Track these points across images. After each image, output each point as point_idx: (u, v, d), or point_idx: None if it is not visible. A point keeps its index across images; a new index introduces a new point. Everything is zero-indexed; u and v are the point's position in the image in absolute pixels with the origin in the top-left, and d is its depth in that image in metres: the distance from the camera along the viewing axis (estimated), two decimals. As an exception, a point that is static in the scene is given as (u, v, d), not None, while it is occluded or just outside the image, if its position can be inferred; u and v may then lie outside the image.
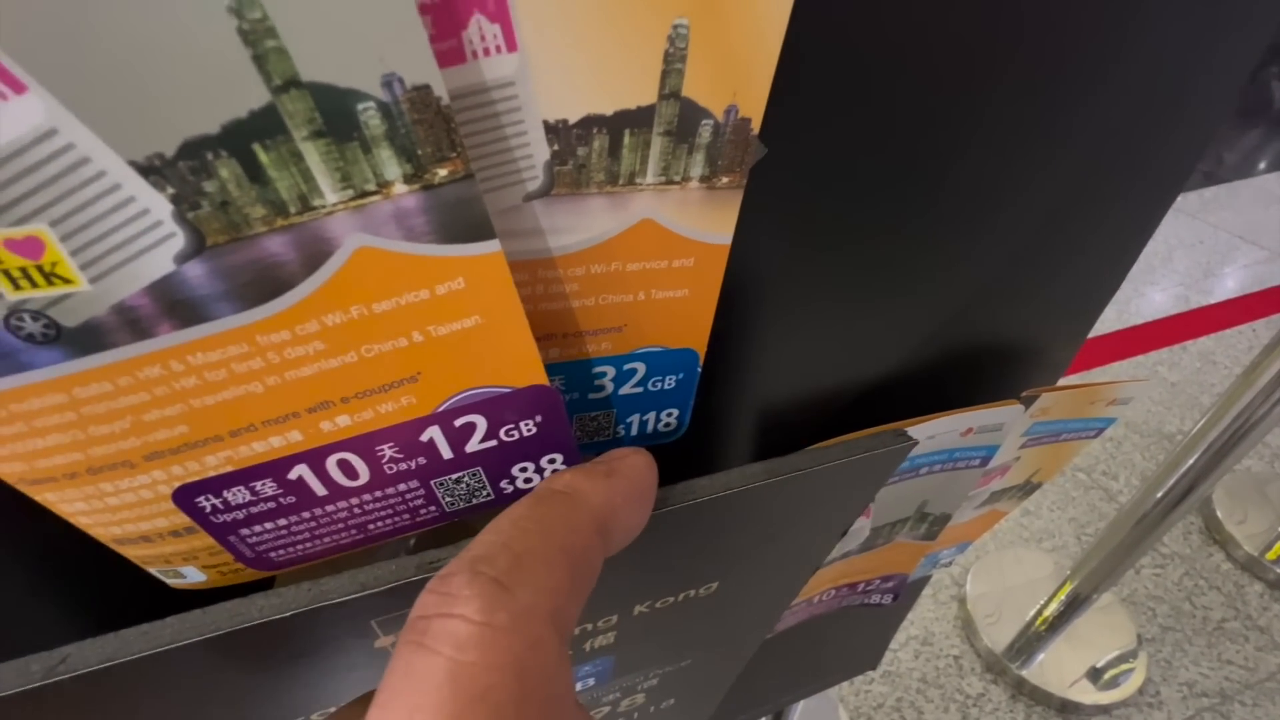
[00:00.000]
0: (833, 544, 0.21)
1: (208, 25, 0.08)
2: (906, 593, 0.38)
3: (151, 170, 0.09)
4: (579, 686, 0.23)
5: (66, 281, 0.09)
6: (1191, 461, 0.93)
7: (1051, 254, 0.21)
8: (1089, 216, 0.21)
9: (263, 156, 0.09)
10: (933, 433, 0.24)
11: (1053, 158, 0.18)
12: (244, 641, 0.12)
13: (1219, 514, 1.40)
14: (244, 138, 0.09)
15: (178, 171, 0.09)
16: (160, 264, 0.09)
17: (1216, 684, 1.18)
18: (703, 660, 0.26)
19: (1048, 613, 1.21)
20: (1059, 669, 1.19)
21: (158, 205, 0.09)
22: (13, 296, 0.09)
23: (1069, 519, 1.44)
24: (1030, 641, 1.22)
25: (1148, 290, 2.04)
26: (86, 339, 0.10)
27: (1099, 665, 1.20)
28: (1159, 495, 0.98)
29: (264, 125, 0.09)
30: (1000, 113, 0.16)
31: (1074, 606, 1.17)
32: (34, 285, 0.09)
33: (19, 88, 0.08)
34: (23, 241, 0.09)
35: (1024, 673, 1.19)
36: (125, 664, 0.11)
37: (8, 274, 0.09)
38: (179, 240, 0.09)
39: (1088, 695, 1.16)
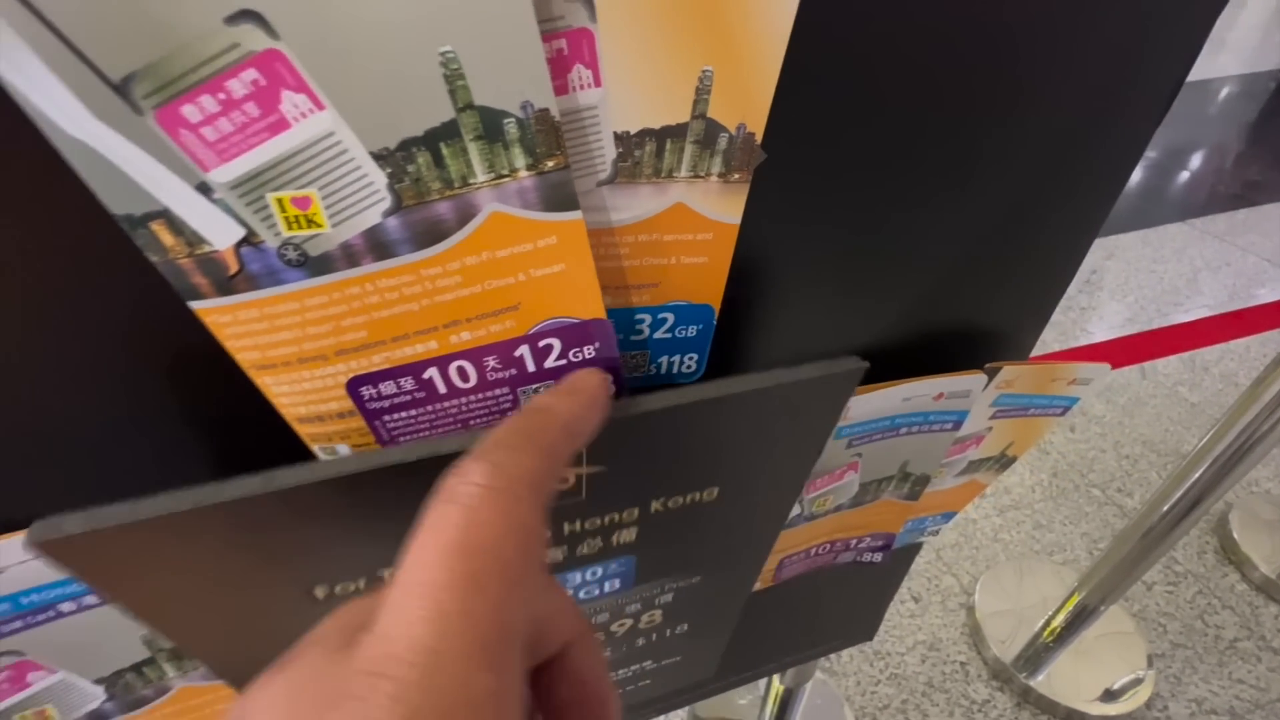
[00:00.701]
0: (810, 464, 0.26)
1: (426, 70, 0.13)
2: (896, 556, 0.42)
3: (379, 156, 0.14)
4: (607, 588, 0.28)
5: (318, 226, 0.15)
6: (1198, 475, 0.95)
7: (1012, 244, 0.26)
8: (1041, 213, 0.25)
9: (444, 150, 0.14)
10: (908, 394, 0.28)
11: (1009, 163, 0.23)
12: (372, 481, 0.17)
13: (1235, 535, 1.40)
14: (435, 139, 0.14)
15: (394, 158, 0.14)
16: (373, 217, 0.15)
17: (1226, 702, 1.18)
18: (710, 580, 0.31)
19: (1055, 624, 1.22)
20: (1066, 679, 1.20)
21: (379, 179, 0.14)
22: (285, 234, 0.15)
23: (1081, 533, 1.44)
24: (1038, 652, 1.23)
25: (1172, 312, 2.04)
26: (320, 265, 0.15)
27: (1107, 677, 1.21)
28: (1165, 508, 1.00)
29: (448, 131, 0.14)
30: (959, 132, 0.21)
31: (1082, 618, 1.18)
32: (300, 227, 0.14)
33: (321, 106, 0.13)
34: (300, 199, 0.14)
35: (1031, 682, 1.20)
36: (318, 483, 0.17)
37: (287, 219, 0.14)
38: (387, 202, 0.15)
39: (1094, 707, 1.17)
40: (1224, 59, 3.63)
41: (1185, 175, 2.76)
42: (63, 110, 0.12)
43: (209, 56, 0.12)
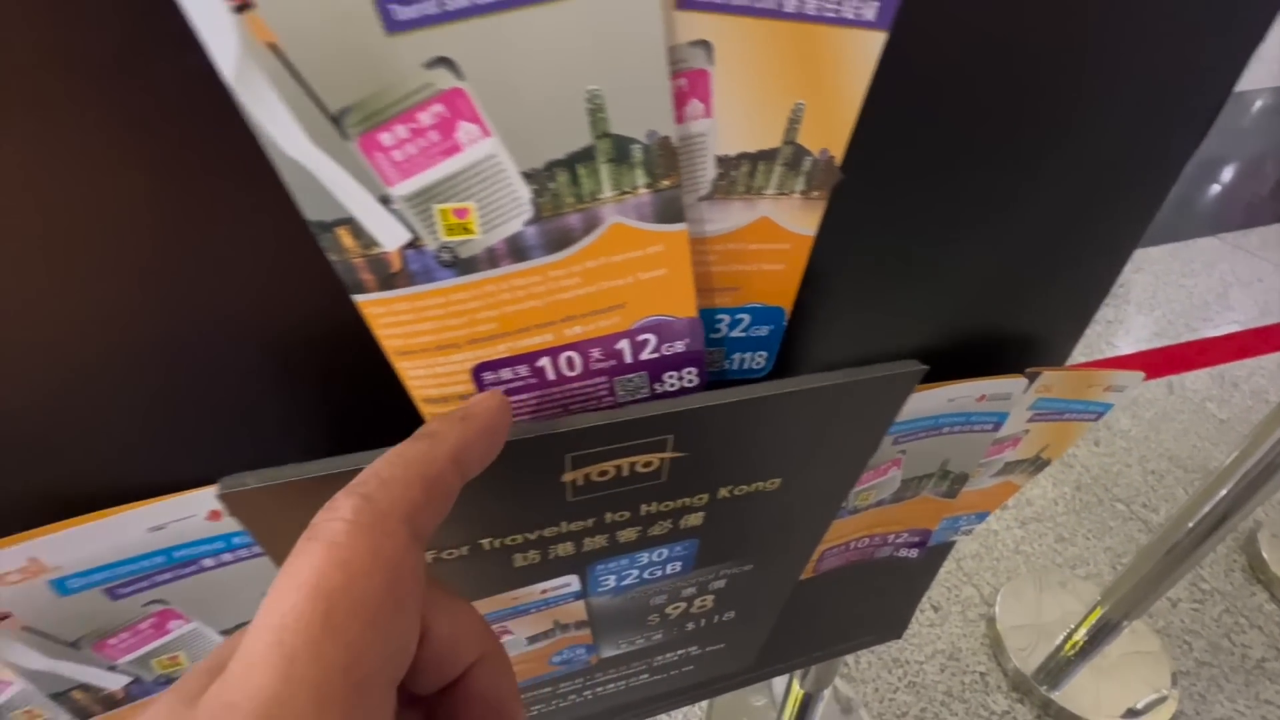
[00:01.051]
0: (866, 459, 0.28)
1: (574, 104, 0.16)
2: (930, 553, 0.44)
3: (527, 175, 0.17)
4: (668, 570, 0.30)
5: (471, 232, 0.17)
6: (1224, 492, 0.95)
7: (1055, 257, 0.28)
8: (1084, 227, 0.27)
9: (581, 170, 0.17)
10: (953, 395, 0.30)
11: (1057, 181, 0.25)
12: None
13: (1264, 553, 1.38)
14: (574, 160, 0.17)
15: (539, 176, 0.17)
16: (515, 225, 0.17)
17: (1252, 722, 1.17)
18: (762, 568, 0.33)
19: (1078, 637, 1.22)
20: (1088, 694, 1.20)
21: (524, 193, 0.17)
22: (443, 239, 0.17)
23: (1105, 548, 1.44)
24: (1060, 665, 1.22)
25: (1201, 327, 2.01)
26: (467, 265, 0.18)
27: (1130, 694, 1.21)
28: (1191, 524, 1.00)
29: (585, 154, 0.17)
30: (1008, 159, 0.23)
31: (1104, 632, 1.18)
32: (456, 233, 0.17)
33: (488, 134, 0.16)
34: (460, 209, 0.17)
35: (1052, 695, 1.20)
36: None
37: (447, 226, 0.17)
38: (528, 213, 0.17)
39: (1116, 721, 1.17)
40: (1257, 71, 3.57)
41: (1217, 188, 2.73)
42: (287, 134, 0.15)
43: (407, 93, 0.15)
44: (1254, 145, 3.05)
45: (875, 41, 0.17)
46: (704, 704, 1.18)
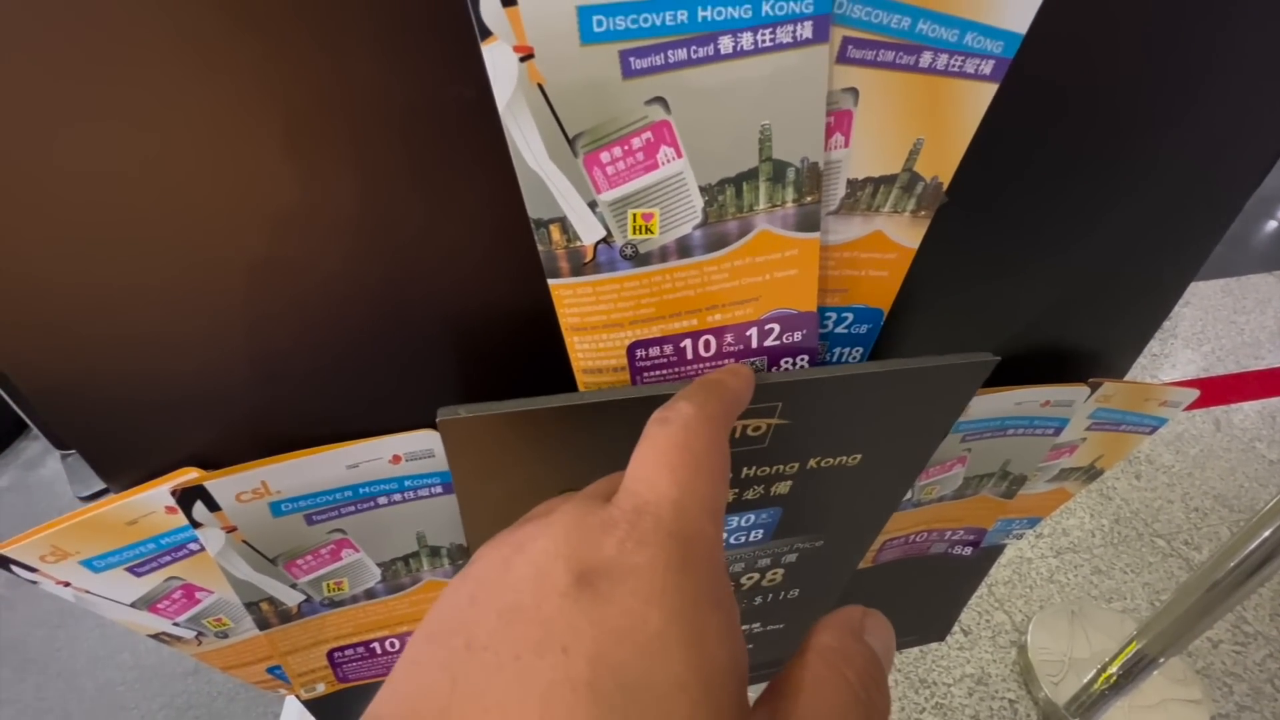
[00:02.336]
0: (937, 443, 0.31)
1: (749, 135, 0.20)
2: (982, 554, 0.47)
3: (703, 189, 0.21)
4: (752, 537, 0.34)
5: (652, 233, 0.22)
6: (1269, 532, 0.94)
7: (1123, 276, 0.31)
8: (1153, 249, 0.31)
9: (745, 187, 0.21)
10: (1020, 399, 0.34)
11: (1133, 205, 0.28)
12: (634, 407, 0.24)
13: (1311, 599, 1.35)
14: (741, 179, 0.21)
15: (712, 190, 0.21)
16: (686, 229, 0.22)
17: (1294, 770, 1.14)
18: (831, 544, 0.36)
19: (1111, 671, 1.20)
20: (1121, 729, 1.18)
21: (698, 203, 0.21)
22: (629, 237, 0.22)
23: (1143, 583, 1.42)
24: (1093, 698, 1.21)
25: (1251, 366, 1.97)
26: (643, 260, 0.22)
27: (1165, 732, 1.19)
28: (1233, 563, 0.99)
29: (751, 174, 0.21)
30: (1086, 190, 0.27)
31: (1140, 667, 1.16)
32: (640, 233, 0.21)
33: (680, 155, 0.20)
34: (647, 214, 0.21)
35: (1083, 728, 1.19)
36: (579, 406, 0.23)
37: (635, 227, 0.21)
38: (698, 219, 0.22)
39: (1150, 759, 1.15)
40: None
41: (1273, 225, 2.66)
42: (531, 151, 0.19)
43: (628, 123, 0.19)
44: (1314, 183, 2.97)
45: (988, 91, 0.21)
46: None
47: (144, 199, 0.20)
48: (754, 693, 0.15)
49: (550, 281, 0.23)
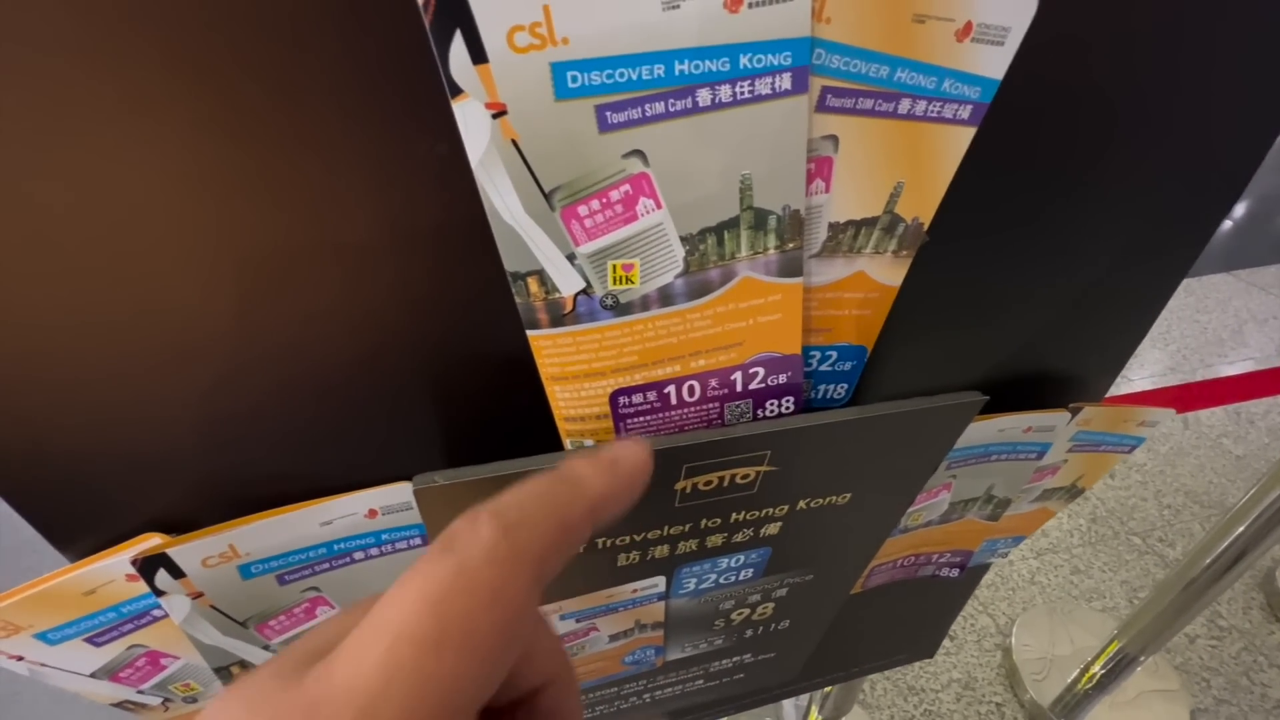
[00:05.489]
0: (926, 478, 0.31)
1: (729, 185, 0.20)
2: (969, 574, 0.47)
3: (684, 238, 0.20)
4: (742, 576, 0.33)
5: (632, 283, 0.21)
6: (1241, 529, 0.96)
7: (1098, 304, 0.32)
8: (1125, 278, 0.31)
9: (726, 235, 0.21)
10: (1003, 426, 0.34)
11: (1105, 238, 0.29)
12: None
13: (1282, 592, 1.38)
14: (722, 228, 0.20)
15: (693, 239, 0.21)
16: (667, 278, 0.21)
17: (1272, 762, 1.16)
18: (821, 578, 0.36)
19: (1094, 670, 1.22)
20: (1105, 728, 1.20)
21: (679, 253, 0.21)
22: (610, 288, 0.21)
23: (1121, 581, 1.44)
24: (1076, 698, 1.23)
25: (1216, 363, 2.03)
26: (624, 309, 0.22)
27: (1147, 729, 1.20)
28: (1208, 561, 1.01)
29: (732, 223, 0.20)
30: (1060, 227, 0.27)
31: (1121, 666, 1.18)
32: (621, 284, 0.21)
33: (660, 206, 0.20)
34: (627, 265, 0.21)
35: (1069, 728, 1.20)
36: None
37: (615, 278, 0.21)
38: (679, 266, 0.21)
39: (1134, 756, 1.16)
40: (1270, 113, 3.62)
41: (1230, 225, 2.76)
42: (507, 205, 0.19)
43: (605, 176, 0.19)
44: (1269, 182, 3.09)
45: (967, 135, 0.21)
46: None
47: (96, 256, 0.19)
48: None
49: (529, 333, 0.22)
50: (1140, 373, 1.96)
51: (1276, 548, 1.47)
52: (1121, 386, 1.89)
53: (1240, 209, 2.89)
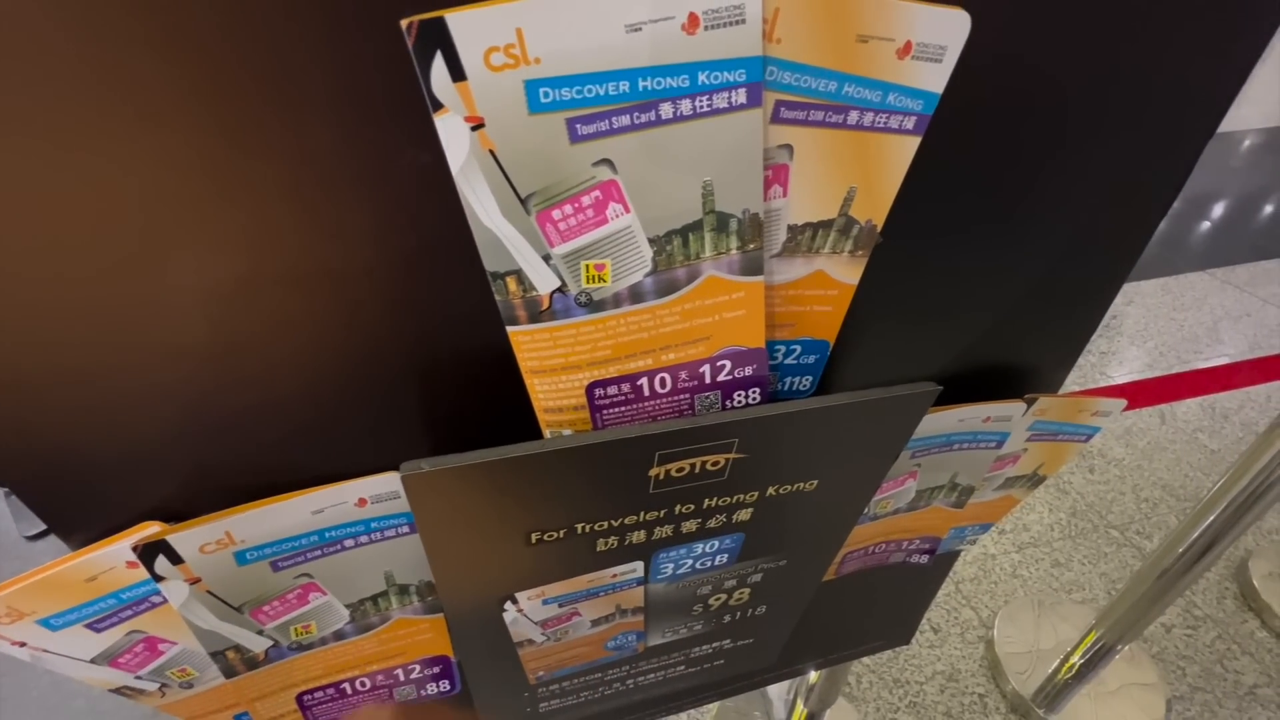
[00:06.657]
0: (888, 466, 0.33)
1: (692, 190, 0.21)
2: (938, 561, 0.49)
3: (652, 240, 0.22)
4: (717, 561, 0.35)
5: (605, 282, 0.23)
6: (1212, 519, 1.00)
7: (1049, 296, 0.34)
8: (1073, 270, 0.33)
9: (691, 237, 0.22)
10: (963, 416, 0.36)
11: (1052, 230, 0.30)
12: (590, 453, 0.25)
13: (1255, 582, 1.42)
14: (687, 230, 0.22)
15: (660, 241, 0.22)
16: (637, 277, 0.23)
17: (1245, 747, 1.20)
18: (794, 563, 0.38)
19: (1074, 661, 1.25)
20: (1085, 717, 1.23)
21: (648, 253, 0.22)
22: (584, 286, 0.23)
23: (1100, 573, 1.48)
24: (1057, 688, 1.25)
25: (1192, 359, 2.08)
26: (597, 306, 0.23)
27: (1126, 717, 1.23)
28: (1181, 550, 1.04)
29: (696, 226, 0.22)
30: (1007, 224, 0.29)
31: (1099, 656, 1.21)
32: (594, 282, 0.22)
33: (628, 210, 0.21)
34: (599, 264, 0.22)
35: (1050, 718, 1.23)
36: (544, 454, 0.24)
37: (588, 277, 0.22)
38: (648, 266, 0.23)
39: (1112, 743, 1.19)
40: (1245, 112, 3.70)
41: (1206, 225, 2.82)
42: (486, 210, 0.20)
43: (577, 183, 0.20)
44: (1242, 183, 3.16)
45: (912, 144, 0.23)
46: None
47: (101, 255, 0.20)
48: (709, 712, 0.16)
49: (509, 329, 0.23)
50: (1120, 369, 2.01)
51: (1248, 538, 1.51)
52: (1101, 383, 1.93)
53: (1217, 209, 2.95)
